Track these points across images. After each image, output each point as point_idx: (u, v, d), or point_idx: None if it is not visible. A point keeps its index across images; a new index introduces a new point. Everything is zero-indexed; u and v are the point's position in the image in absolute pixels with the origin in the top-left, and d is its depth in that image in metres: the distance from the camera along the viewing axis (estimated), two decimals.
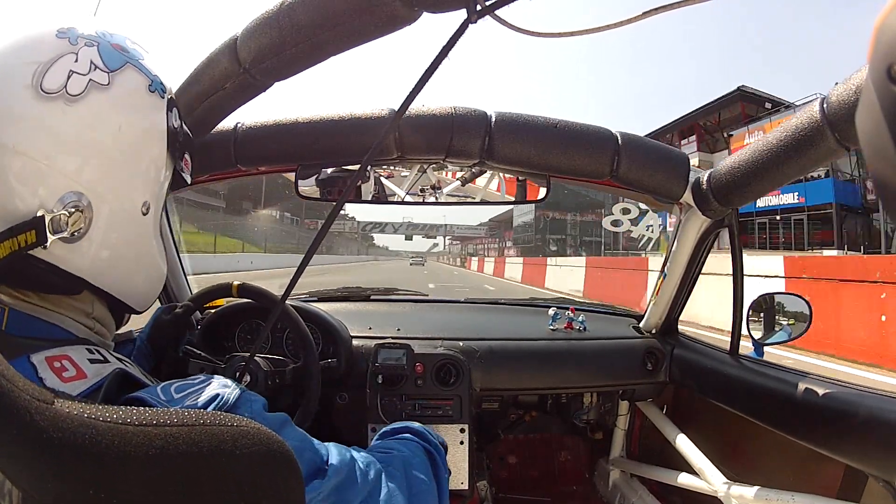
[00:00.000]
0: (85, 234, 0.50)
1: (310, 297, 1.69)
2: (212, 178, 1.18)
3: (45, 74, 0.47)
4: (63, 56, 0.48)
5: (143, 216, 0.56)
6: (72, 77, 0.48)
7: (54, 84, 0.47)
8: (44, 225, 0.46)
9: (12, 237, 0.45)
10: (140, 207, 0.55)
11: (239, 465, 0.39)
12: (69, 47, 0.49)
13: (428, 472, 0.71)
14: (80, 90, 0.48)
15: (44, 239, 0.46)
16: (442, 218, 47.56)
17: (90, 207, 0.49)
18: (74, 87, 0.48)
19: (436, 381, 1.24)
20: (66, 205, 0.48)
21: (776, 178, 0.89)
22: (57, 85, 0.47)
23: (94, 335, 0.54)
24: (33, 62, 0.47)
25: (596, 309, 1.73)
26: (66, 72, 0.48)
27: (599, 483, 1.69)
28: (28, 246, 0.46)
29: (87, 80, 0.49)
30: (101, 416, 0.34)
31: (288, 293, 0.69)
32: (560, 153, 1.01)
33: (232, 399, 0.49)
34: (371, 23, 0.60)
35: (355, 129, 0.98)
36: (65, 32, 0.49)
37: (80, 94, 0.48)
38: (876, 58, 0.21)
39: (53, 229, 0.47)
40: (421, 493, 0.66)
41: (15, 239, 0.45)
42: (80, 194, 0.49)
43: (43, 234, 0.46)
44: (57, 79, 0.47)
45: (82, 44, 0.50)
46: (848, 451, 0.84)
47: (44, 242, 0.46)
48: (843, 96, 0.70)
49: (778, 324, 1.18)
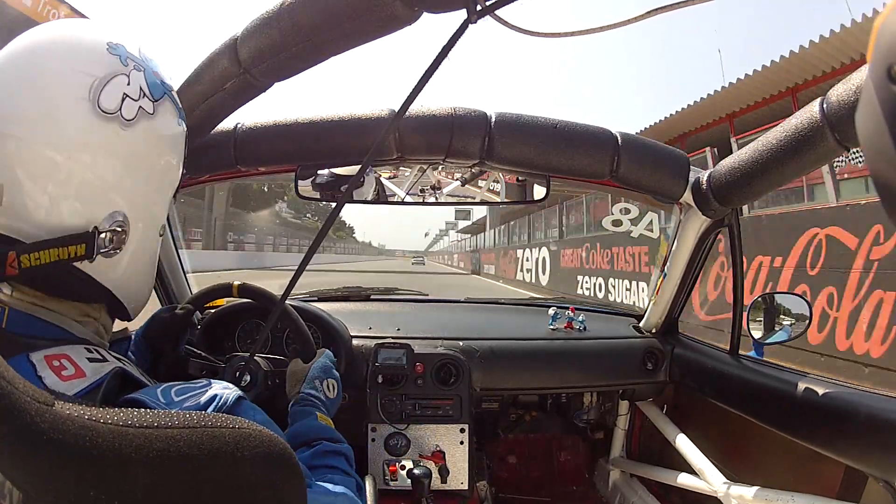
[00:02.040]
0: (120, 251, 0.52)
1: (310, 297, 1.69)
2: (212, 179, 1.18)
3: (101, 92, 0.48)
4: (117, 76, 0.50)
5: (160, 237, 0.60)
6: (125, 101, 0.50)
7: (111, 105, 0.49)
8: (94, 240, 0.49)
9: (62, 247, 0.47)
10: (159, 229, 0.59)
11: (240, 467, 0.39)
12: (121, 67, 0.50)
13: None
14: (133, 116, 0.50)
15: (92, 252, 0.49)
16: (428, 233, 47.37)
17: (128, 226, 0.52)
18: (128, 112, 0.50)
19: (436, 381, 1.24)
20: (113, 223, 0.50)
21: (776, 178, 0.89)
22: (113, 106, 0.49)
23: (93, 335, 0.54)
24: (87, 74, 0.48)
25: (596, 309, 1.73)
26: (120, 94, 0.49)
27: (599, 483, 1.69)
28: (76, 258, 0.48)
29: (138, 106, 0.51)
30: (102, 418, 0.34)
31: (288, 293, 0.69)
32: (560, 153, 1.01)
33: (231, 399, 0.49)
34: (371, 23, 0.60)
35: (355, 129, 0.98)
36: (115, 48, 0.51)
37: (133, 119, 0.50)
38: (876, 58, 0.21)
39: (99, 245, 0.49)
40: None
41: (65, 249, 0.47)
42: (124, 214, 0.51)
43: (92, 248, 0.49)
44: (113, 100, 0.49)
45: (132, 66, 0.51)
46: (848, 451, 0.84)
47: (91, 256, 0.49)
48: (843, 96, 0.70)
49: (778, 323, 1.18)
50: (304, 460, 0.67)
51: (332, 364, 0.91)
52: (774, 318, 1.19)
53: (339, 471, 0.68)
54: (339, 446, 0.72)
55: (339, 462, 0.70)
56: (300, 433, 0.73)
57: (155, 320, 0.94)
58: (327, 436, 0.73)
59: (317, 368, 0.87)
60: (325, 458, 0.69)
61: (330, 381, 0.86)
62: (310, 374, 0.85)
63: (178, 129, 0.58)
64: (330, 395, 0.85)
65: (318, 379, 0.85)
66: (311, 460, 0.68)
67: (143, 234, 0.55)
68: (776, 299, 1.20)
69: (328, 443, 0.71)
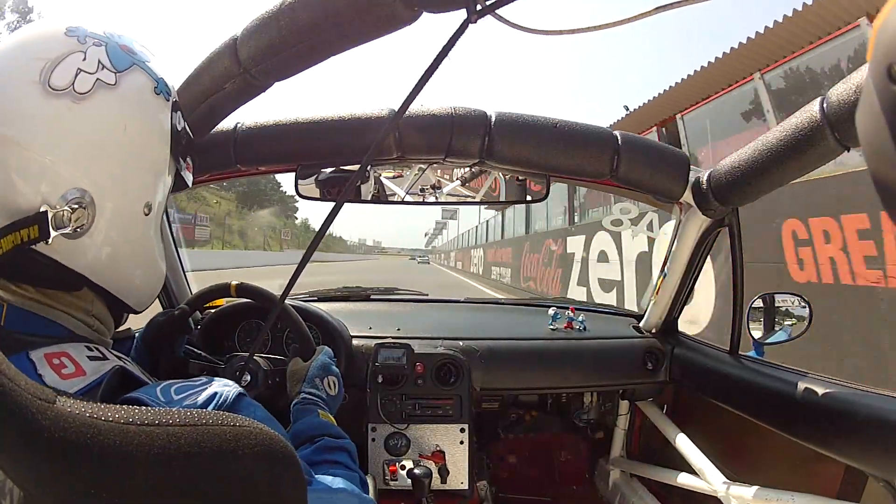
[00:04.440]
0: (87, 230, 0.50)
1: (310, 297, 1.69)
2: (212, 178, 1.18)
3: (52, 71, 0.47)
4: (72, 54, 0.48)
5: (145, 216, 0.56)
6: (79, 75, 0.48)
7: (62, 81, 0.47)
8: (46, 220, 0.46)
9: (15, 231, 0.46)
10: (142, 208, 0.55)
11: (241, 465, 0.39)
12: (78, 45, 0.49)
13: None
14: (88, 88, 0.48)
15: (46, 234, 0.46)
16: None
17: (93, 204, 0.50)
18: (82, 86, 0.48)
19: (436, 381, 1.24)
20: (69, 201, 0.48)
21: (776, 177, 0.89)
22: (65, 82, 0.47)
23: (93, 333, 0.54)
24: (41, 59, 0.47)
25: (596, 309, 1.73)
26: (73, 70, 0.48)
27: (599, 483, 1.69)
28: (31, 241, 0.46)
29: (95, 78, 0.49)
30: (104, 416, 0.34)
31: (287, 292, 0.69)
32: (560, 153, 1.01)
33: (231, 397, 0.49)
34: (371, 23, 0.60)
35: (355, 129, 0.98)
36: (74, 31, 0.50)
37: (88, 92, 0.48)
38: (876, 58, 0.21)
39: (56, 225, 0.47)
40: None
41: (18, 233, 0.46)
42: (83, 191, 0.49)
43: (45, 229, 0.46)
44: (65, 76, 0.47)
45: (91, 43, 0.50)
46: (848, 450, 0.84)
47: (46, 237, 0.47)
48: (843, 96, 0.70)
49: (778, 323, 1.18)
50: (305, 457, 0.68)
51: (331, 361, 0.91)
52: (774, 317, 1.19)
53: (342, 465, 0.68)
54: (342, 441, 0.72)
55: (342, 457, 0.70)
56: (302, 431, 0.73)
57: (152, 325, 0.95)
58: (329, 432, 0.73)
59: (316, 367, 0.87)
60: (326, 454, 0.69)
61: (330, 378, 0.86)
62: (310, 372, 0.85)
63: (153, 99, 0.54)
64: (331, 392, 0.84)
65: (318, 377, 0.84)
66: (313, 456, 0.68)
67: (116, 213, 0.52)
68: (776, 299, 1.20)
69: (330, 438, 0.71)
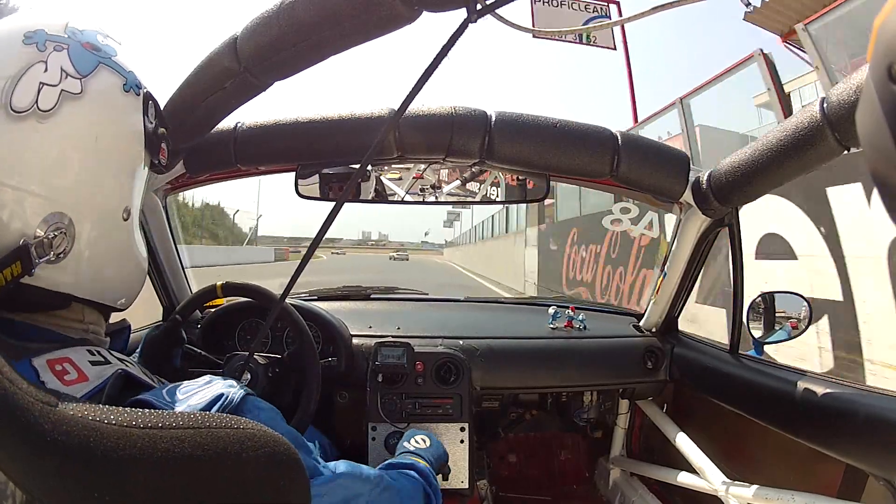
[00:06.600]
0: (69, 252, 0.48)
1: (310, 296, 1.69)
2: (212, 178, 1.18)
3: (13, 92, 0.44)
4: (31, 66, 0.45)
5: (125, 221, 0.54)
6: (42, 90, 0.45)
7: (24, 101, 0.44)
8: (28, 253, 0.44)
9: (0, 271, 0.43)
10: (122, 214, 0.53)
11: (245, 468, 0.39)
12: (37, 55, 0.45)
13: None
14: (52, 104, 0.45)
15: (30, 267, 0.45)
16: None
17: (72, 225, 0.48)
18: (45, 102, 0.45)
19: (436, 380, 1.24)
20: (48, 227, 0.46)
21: (776, 177, 0.89)
22: (27, 102, 0.44)
23: (90, 335, 0.54)
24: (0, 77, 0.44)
25: (596, 308, 1.73)
26: (35, 85, 0.45)
27: (600, 482, 1.69)
28: (15, 277, 0.44)
29: (59, 90, 0.46)
30: (106, 419, 0.34)
31: (287, 292, 0.69)
32: (560, 153, 1.01)
33: (236, 399, 0.49)
34: (371, 22, 0.60)
35: (355, 128, 0.98)
36: (32, 37, 0.46)
37: (53, 108, 0.45)
38: (876, 57, 0.21)
39: (38, 255, 0.45)
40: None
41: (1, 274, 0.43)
42: (61, 214, 0.47)
43: (28, 262, 0.44)
44: (27, 94, 0.44)
45: (51, 49, 0.46)
46: (848, 450, 0.84)
47: (30, 271, 0.45)
48: (843, 96, 0.70)
49: (778, 322, 1.18)
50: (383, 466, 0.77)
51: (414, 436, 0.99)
52: (774, 316, 1.19)
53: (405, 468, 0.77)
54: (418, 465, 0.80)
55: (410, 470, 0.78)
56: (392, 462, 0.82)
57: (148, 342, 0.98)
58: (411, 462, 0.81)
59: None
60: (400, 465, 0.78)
61: (417, 437, 0.95)
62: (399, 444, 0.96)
63: (123, 99, 0.51)
64: (422, 445, 0.92)
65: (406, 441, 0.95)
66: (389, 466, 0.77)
67: (96, 228, 0.50)
68: (776, 298, 1.20)
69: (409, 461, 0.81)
